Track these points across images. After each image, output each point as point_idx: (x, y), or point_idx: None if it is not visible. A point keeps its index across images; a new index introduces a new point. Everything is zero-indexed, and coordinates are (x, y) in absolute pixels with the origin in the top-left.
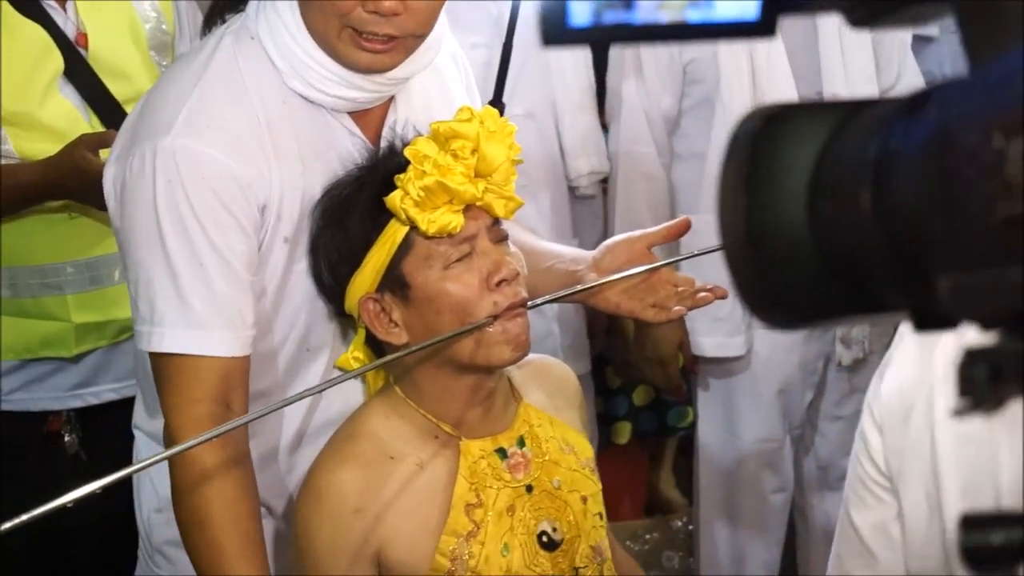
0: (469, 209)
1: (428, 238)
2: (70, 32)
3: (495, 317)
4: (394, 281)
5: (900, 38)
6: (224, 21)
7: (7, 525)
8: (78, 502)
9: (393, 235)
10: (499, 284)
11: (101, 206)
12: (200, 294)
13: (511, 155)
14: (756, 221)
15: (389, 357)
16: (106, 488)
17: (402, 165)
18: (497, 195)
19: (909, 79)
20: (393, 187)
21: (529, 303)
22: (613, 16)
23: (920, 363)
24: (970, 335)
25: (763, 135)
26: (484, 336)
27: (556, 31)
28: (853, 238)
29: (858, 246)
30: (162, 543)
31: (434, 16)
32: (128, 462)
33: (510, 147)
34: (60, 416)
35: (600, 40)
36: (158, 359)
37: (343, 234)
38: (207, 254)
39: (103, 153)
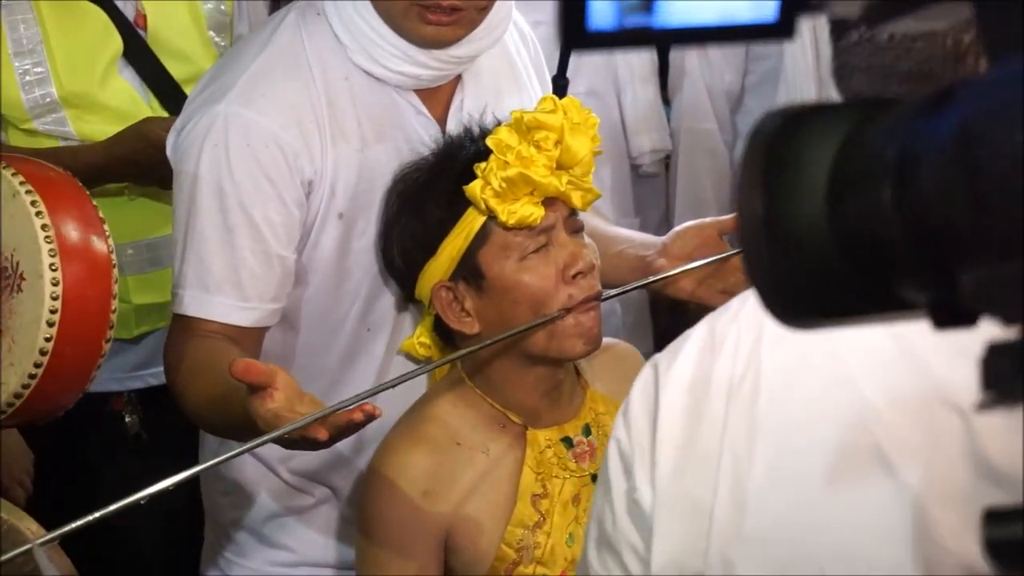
0: (547, 200)
1: (506, 228)
2: (129, 13)
3: (568, 310)
4: (469, 270)
5: None
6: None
7: (78, 523)
8: (149, 483)
9: (470, 224)
10: (575, 277)
11: (163, 184)
12: (222, 259)
13: (593, 147)
14: (775, 217)
15: (465, 351)
16: (178, 467)
17: (481, 152)
18: (577, 187)
19: None
20: (471, 175)
21: (603, 295)
22: (634, 20)
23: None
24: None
25: (783, 133)
26: (557, 329)
27: (577, 34)
28: (873, 234)
29: (878, 242)
30: (227, 525)
31: None
32: (188, 442)
33: (592, 139)
34: (121, 397)
35: (621, 45)
36: (173, 320)
37: (419, 220)
38: (238, 220)
39: None
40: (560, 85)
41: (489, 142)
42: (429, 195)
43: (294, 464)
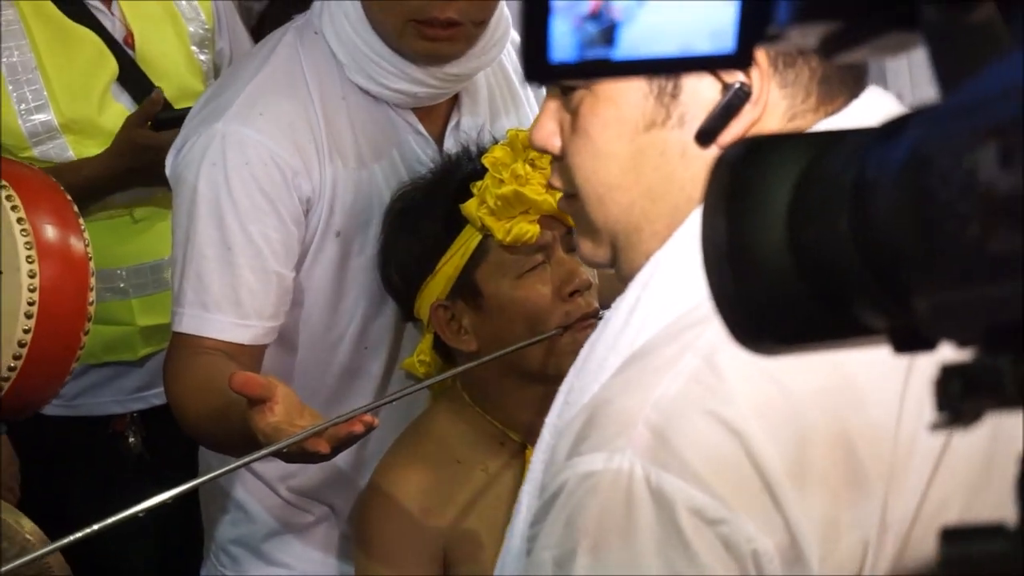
0: (544, 218)
1: (503, 246)
2: (118, 34)
3: (566, 327)
4: (466, 289)
5: None
6: (290, 19)
7: (78, 535)
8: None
9: (467, 243)
10: (572, 294)
11: (166, 182)
12: (220, 276)
13: None
14: (737, 243)
15: (462, 368)
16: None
17: (477, 171)
18: None
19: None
20: (468, 193)
21: (600, 313)
22: (595, 51)
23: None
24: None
25: (745, 160)
26: (555, 346)
27: (539, 67)
28: (832, 261)
29: (837, 268)
30: (227, 542)
31: (494, 1)
32: (190, 461)
33: None
34: (124, 418)
35: (582, 76)
36: (172, 338)
37: (416, 239)
38: (237, 238)
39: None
40: None
41: (485, 160)
42: (426, 214)
43: (294, 482)
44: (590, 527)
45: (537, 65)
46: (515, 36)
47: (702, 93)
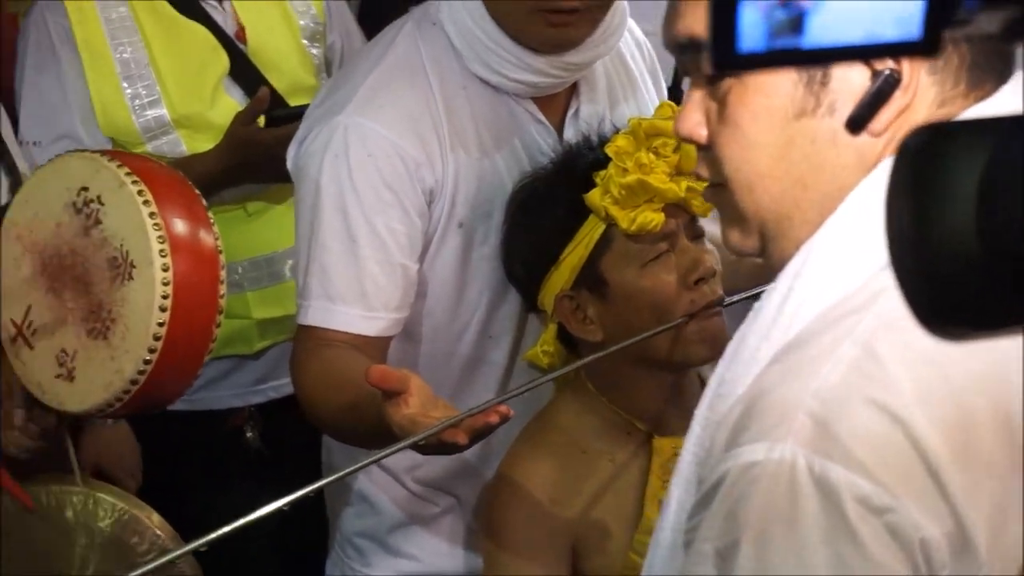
0: (668, 206)
1: (627, 236)
2: (230, 29)
3: (691, 316)
4: (591, 278)
5: None
6: (407, 11)
7: (207, 538)
8: (269, 497)
9: (591, 232)
10: (697, 283)
11: (278, 178)
12: (345, 269)
13: None
14: (925, 230)
15: (589, 358)
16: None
17: (600, 160)
18: (696, 193)
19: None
20: (591, 183)
21: (726, 301)
22: (784, 41)
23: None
24: None
25: (930, 147)
26: (681, 334)
27: (728, 55)
28: None
29: None
30: (352, 535)
31: None
32: (309, 455)
33: None
34: (242, 412)
35: (770, 65)
36: (298, 331)
37: (539, 229)
38: (361, 230)
39: (261, 121)
40: (675, 96)
41: (608, 150)
42: (549, 204)
43: (419, 473)
44: (753, 518)
45: (726, 54)
46: (632, 24)
47: (852, 80)
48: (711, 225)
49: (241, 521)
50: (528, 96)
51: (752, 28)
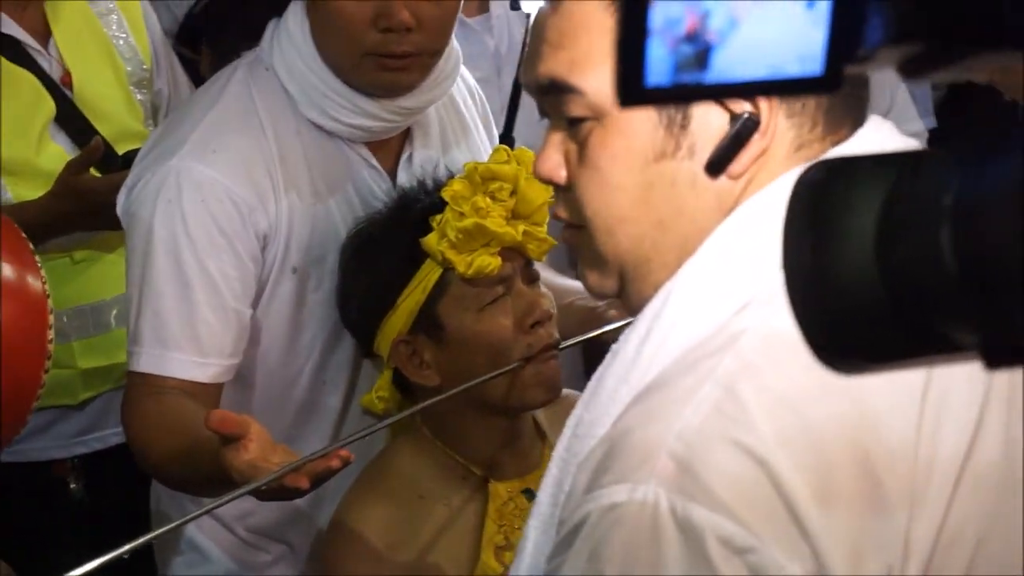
0: (504, 251)
1: (464, 280)
2: (55, 74)
3: (528, 359)
4: (428, 323)
5: None
6: (238, 56)
7: None
8: (94, 549)
9: (428, 276)
10: (533, 326)
11: (110, 225)
12: (179, 315)
13: (547, 196)
14: (822, 265)
15: (426, 403)
16: (125, 530)
17: (435, 205)
18: (532, 237)
19: (900, 105)
20: (427, 227)
21: (561, 345)
22: (688, 76)
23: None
24: None
25: (828, 182)
26: (518, 379)
27: (634, 90)
28: (926, 276)
29: (930, 286)
30: None
31: (448, 30)
32: (134, 505)
33: (546, 188)
34: (65, 463)
35: (676, 100)
36: (129, 378)
37: (376, 275)
38: (195, 276)
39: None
40: (507, 142)
41: (444, 194)
42: (385, 249)
43: (251, 521)
44: (616, 560)
45: (633, 89)
46: (464, 71)
47: (711, 123)
48: (543, 270)
49: (75, 572)
50: (361, 141)
51: (659, 63)
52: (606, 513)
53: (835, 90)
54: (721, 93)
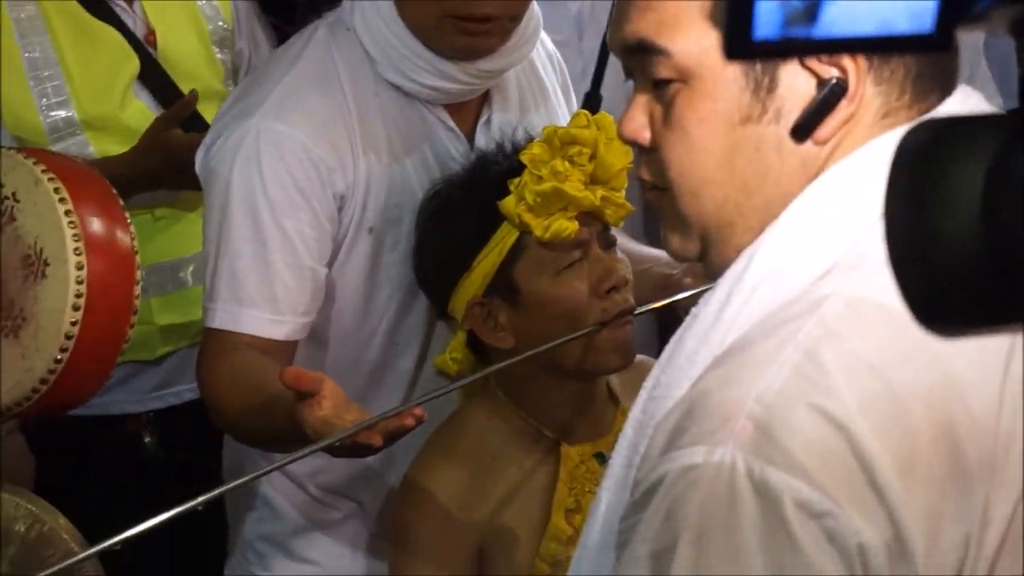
0: (581, 215)
1: (540, 243)
2: (139, 32)
3: (603, 324)
4: (504, 286)
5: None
6: (320, 16)
7: (112, 540)
8: (167, 503)
9: (504, 239)
10: (609, 291)
11: (192, 184)
12: (255, 273)
13: (627, 162)
14: (927, 229)
15: (500, 364)
16: (197, 485)
17: (513, 168)
18: (610, 202)
19: (981, 81)
20: (504, 190)
21: (636, 310)
22: (797, 29)
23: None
24: None
25: (933, 142)
26: (592, 343)
27: (742, 43)
28: None
29: None
30: (254, 539)
31: None
32: (208, 461)
33: (626, 154)
34: (140, 418)
35: (784, 54)
36: (205, 334)
37: (452, 236)
38: (271, 234)
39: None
40: (593, 100)
41: (523, 157)
42: (462, 211)
43: (322, 479)
44: (691, 520)
45: (741, 42)
46: (544, 36)
47: (798, 88)
48: (620, 236)
49: (148, 523)
50: (440, 103)
51: (767, 16)
52: (683, 474)
53: (945, 49)
54: (829, 48)
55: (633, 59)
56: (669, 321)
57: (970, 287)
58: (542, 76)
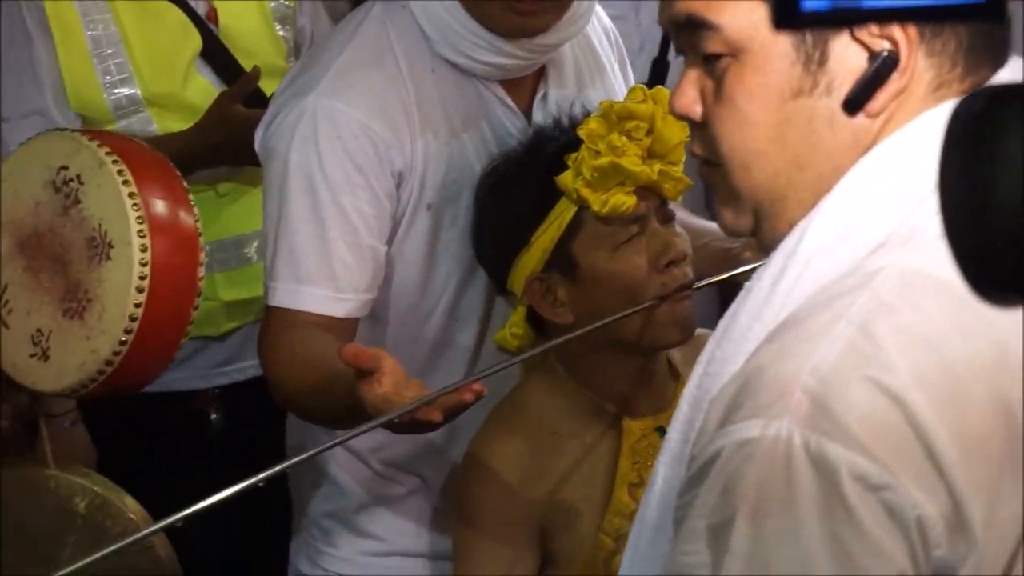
0: (639, 189)
1: (598, 218)
2: (201, 9)
3: (662, 299)
4: (562, 261)
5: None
6: None
7: (178, 515)
8: (232, 479)
9: (562, 214)
10: (668, 266)
11: (254, 161)
12: (314, 251)
13: (684, 136)
14: (981, 197)
15: (559, 340)
16: (261, 462)
17: (570, 143)
18: (668, 176)
19: None
20: (562, 165)
21: (696, 285)
22: (846, 0)
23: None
24: None
25: (988, 110)
26: (651, 317)
27: (790, 13)
28: None
29: None
30: (318, 515)
31: None
32: (272, 437)
33: (683, 128)
34: (206, 394)
35: (830, 24)
36: (266, 312)
37: (511, 211)
38: (330, 212)
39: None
40: (662, 66)
41: (580, 132)
42: (520, 186)
43: (385, 454)
44: (749, 495)
45: (789, 12)
46: (599, 10)
47: (849, 61)
48: (678, 210)
49: (211, 499)
50: (496, 79)
51: None
52: (739, 448)
53: (996, 20)
54: (877, 17)
55: (683, 34)
56: (730, 295)
57: (1021, 252)
58: (598, 51)
